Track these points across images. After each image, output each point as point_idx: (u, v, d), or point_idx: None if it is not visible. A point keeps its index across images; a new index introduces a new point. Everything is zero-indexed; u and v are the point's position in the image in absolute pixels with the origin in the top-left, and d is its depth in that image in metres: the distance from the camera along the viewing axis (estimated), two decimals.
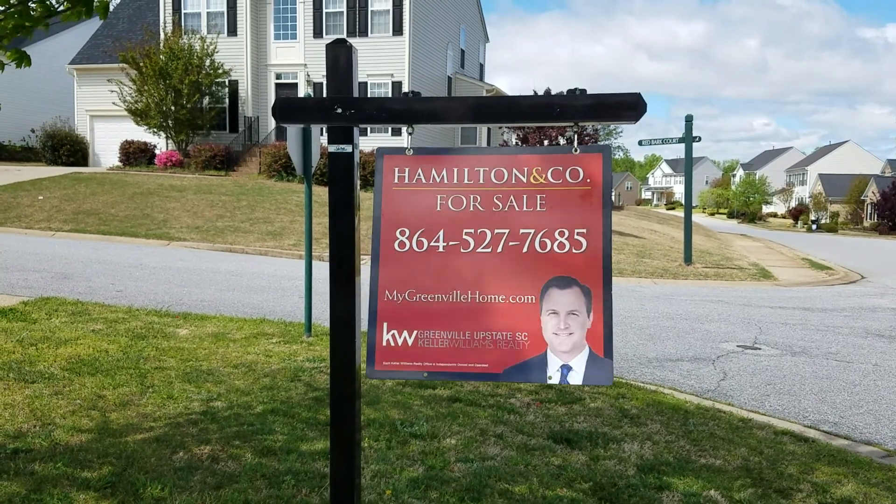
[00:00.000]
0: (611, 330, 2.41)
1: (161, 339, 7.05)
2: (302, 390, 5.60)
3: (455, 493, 3.85)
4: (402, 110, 2.54)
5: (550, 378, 2.42)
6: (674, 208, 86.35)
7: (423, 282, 2.50)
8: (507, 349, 2.45)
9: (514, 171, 2.50)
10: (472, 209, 2.51)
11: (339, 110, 2.53)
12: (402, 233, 2.52)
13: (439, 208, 2.52)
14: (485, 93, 31.40)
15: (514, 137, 30.59)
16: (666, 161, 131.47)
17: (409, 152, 2.56)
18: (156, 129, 28.12)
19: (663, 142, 19.60)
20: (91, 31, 33.63)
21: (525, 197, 2.49)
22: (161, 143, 29.60)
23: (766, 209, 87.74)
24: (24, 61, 3.89)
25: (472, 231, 2.50)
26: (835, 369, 7.70)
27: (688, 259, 17.86)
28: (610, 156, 2.48)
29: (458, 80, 33.10)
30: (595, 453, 4.56)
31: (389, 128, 24.90)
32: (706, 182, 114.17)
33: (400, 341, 2.50)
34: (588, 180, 2.46)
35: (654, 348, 8.39)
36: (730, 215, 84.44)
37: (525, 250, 2.47)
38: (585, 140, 28.88)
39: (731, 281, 15.82)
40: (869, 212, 66.63)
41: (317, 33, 28.85)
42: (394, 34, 28.15)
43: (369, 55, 26.82)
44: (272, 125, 29.63)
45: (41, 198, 20.97)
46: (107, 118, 30.68)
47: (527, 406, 5.51)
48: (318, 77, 28.82)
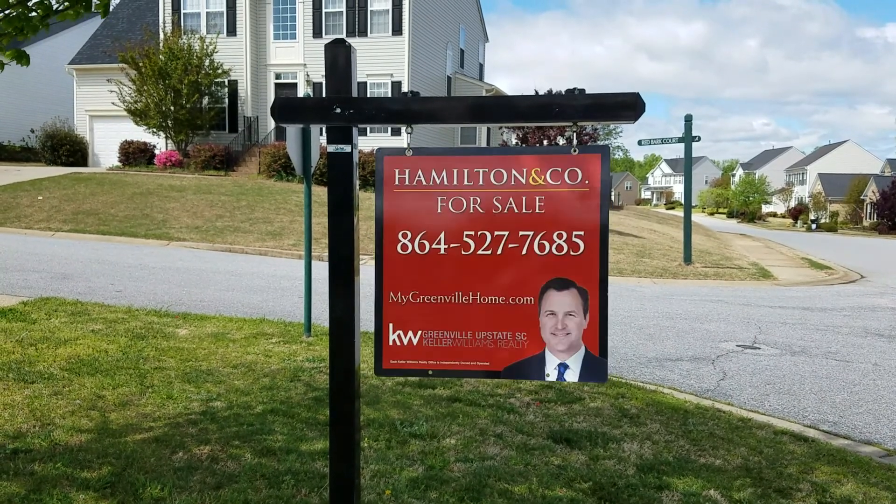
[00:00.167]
0: (606, 330, 2.51)
1: (161, 340, 7.05)
2: (301, 390, 5.60)
3: (454, 492, 3.85)
4: (401, 110, 2.54)
5: (548, 376, 2.52)
6: (673, 208, 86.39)
7: (426, 284, 2.57)
8: (507, 348, 2.55)
9: (514, 171, 2.52)
10: (472, 211, 2.54)
11: (338, 110, 2.53)
12: (405, 235, 2.56)
13: (440, 210, 2.55)
14: (484, 93, 31.41)
15: (513, 137, 30.60)
16: (665, 161, 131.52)
17: (408, 153, 2.56)
18: (155, 130, 28.11)
19: (663, 141, 19.61)
20: (90, 31, 33.62)
21: (524, 199, 2.51)
22: (160, 144, 29.60)
23: (765, 209, 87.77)
24: (23, 59, 3.89)
25: (473, 233, 2.54)
26: (834, 369, 7.71)
27: (687, 259, 17.86)
28: (608, 156, 2.50)
29: (458, 80, 33.10)
30: (595, 453, 4.56)
31: (389, 128, 24.90)
32: (706, 182, 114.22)
33: (405, 341, 2.59)
34: (586, 181, 2.48)
35: (653, 348, 8.39)
36: (729, 215, 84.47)
37: (524, 252, 2.52)
38: (584, 140, 28.90)
39: (731, 280, 15.82)
40: (868, 211, 66.64)
41: (316, 33, 28.85)
42: (393, 34, 28.15)
43: (369, 55, 26.81)
44: (272, 125, 29.62)
45: (41, 198, 20.97)
46: (106, 118, 30.68)
47: (526, 406, 5.51)
48: (317, 77, 28.81)
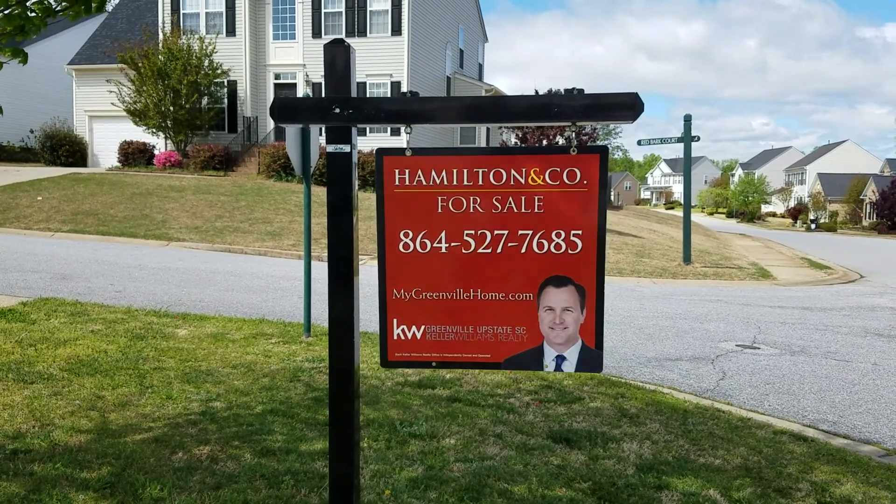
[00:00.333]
0: (602, 324, 2.58)
1: (160, 340, 7.05)
2: (301, 390, 5.60)
3: (454, 492, 3.85)
4: (400, 110, 2.54)
5: (546, 367, 2.61)
6: (673, 208, 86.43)
7: (428, 281, 2.62)
8: (507, 341, 2.63)
9: (513, 172, 2.54)
10: (472, 211, 2.57)
11: (338, 110, 2.54)
12: (406, 234, 2.60)
13: (440, 210, 2.58)
14: (484, 93, 31.41)
15: (513, 137, 30.61)
16: (665, 161, 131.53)
17: (408, 153, 2.57)
18: (154, 130, 28.10)
19: (662, 141, 19.60)
20: (90, 31, 33.60)
21: (523, 199, 2.54)
22: (160, 144, 29.59)
23: (765, 209, 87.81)
24: (21, 57, 3.89)
25: (473, 232, 2.58)
26: (834, 368, 7.71)
27: (687, 259, 17.86)
28: (607, 156, 2.53)
29: (457, 80, 33.10)
30: (594, 453, 4.56)
31: (388, 128, 24.91)
32: (705, 181, 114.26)
33: (409, 335, 2.66)
34: (585, 182, 2.51)
35: (653, 348, 8.39)
36: (729, 215, 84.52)
37: (523, 251, 2.57)
38: (584, 139, 28.91)
39: (731, 280, 15.83)
40: (868, 211, 66.68)
41: (315, 33, 28.84)
42: (392, 34, 28.15)
43: (368, 55, 26.81)
44: (271, 125, 29.62)
45: (40, 198, 20.96)
46: (106, 118, 30.67)
47: (526, 406, 5.51)
48: (316, 77, 28.81)
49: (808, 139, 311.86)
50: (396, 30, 28.11)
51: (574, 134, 2.67)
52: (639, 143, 20.20)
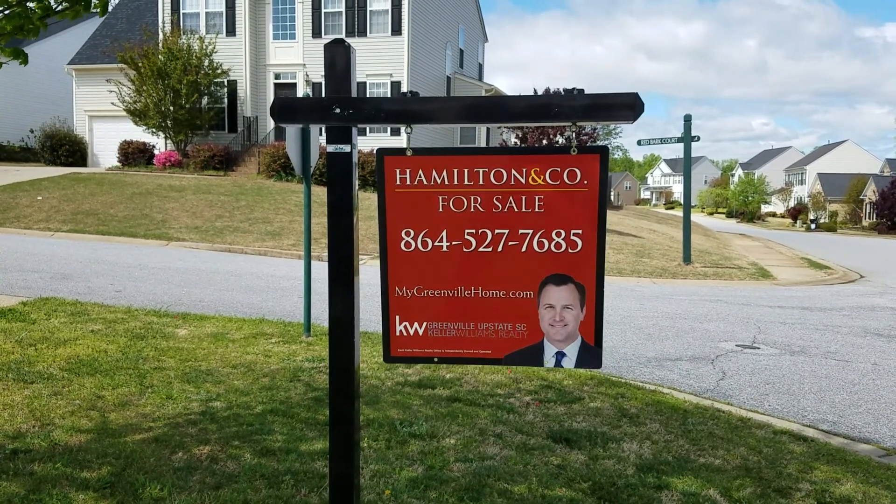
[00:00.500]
0: (602, 322, 2.61)
1: (160, 340, 7.05)
2: (301, 390, 5.60)
3: (454, 492, 3.85)
4: (400, 110, 2.54)
5: (546, 363, 2.65)
6: (673, 208, 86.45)
7: (430, 279, 2.65)
8: (508, 338, 2.66)
9: (514, 171, 2.55)
10: (472, 210, 2.58)
11: (338, 110, 2.54)
12: (407, 233, 2.62)
13: (441, 209, 2.59)
14: (484, 93, 31.41)
15: (513, 137, 30.62)
16: (665, 161, 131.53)
17: (408, 153, 2.57)
18: (154, 130, 28.10)
19: (662, 141, 19.60)
20: (90, 31, 33.60)
21: (524, 199, 2.55)
22: (160, 144, 29.59)
23: (764, 209, 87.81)
24: (21, 58, 3.89)
25: (474, 231, 2.60)
26: (834, 368, 7.71)
27: (687, 259, 17.86)
28: (607, 156, 2.53)
29: (457, 80, 33.10)
30: (594, 453, 4.56)
31: (388, 128, 24.90)
32: (705, 181, 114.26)
33: (411, 331, 2.69)
34: (585, 182, 2.52)
35: (653, 348, 8.39)
36: (729, 215, 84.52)
37: (524, 249, 2.59)
38: (584, 139, 28.93)
39: (730, 280, 15.83)
40: (868, 211, 66.68)
41: (315, 33, 28.84)
42: (392, 34, 28.15)
43: (368, 55, 26.81)
44: (271, 125, 29.62)
45: (40, 198, 20.96)
46: (105, 118, 30.67)
47: (526, 406, 5.51)
48: (316, 77, 28.81)
49: (808, 139, 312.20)
50: (396, 30, 28.12)
51: (574, 134, 2.67)
52: (639, 143, 20.20)
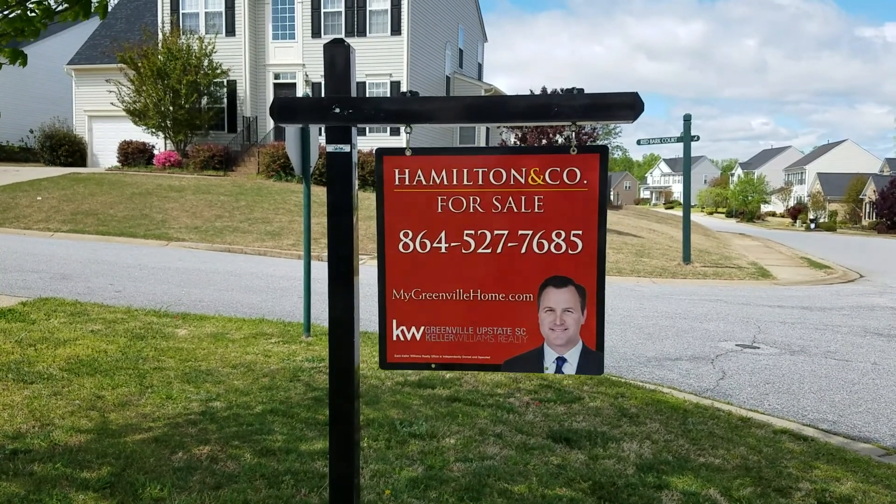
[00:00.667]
0: (603, 325, 2.56)
1: (160, 340, 7.05)
2: (301, 390, 5.60)
3: (454, 492, 3.85)
4: (400, 110, 2.54)
5: (547, 369, 2.58)
6: (672, 207, 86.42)
7: (428, 281, 2.61)
8: (507, 343, 2.60)
9: (513, 171, 2.53)
10: (472, 210, 2.56)
11: (337, 110, 2.53)
12: (406, 234, 2.59)
13: (440, 210, 2.57)
14: (483, 92, 31.40)
15: (512, 136, 30.60)
16: (664, 160, 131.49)
17: (408, 153, 2.57)
18: (154, 130, 28.10)
19: (662, 141, 19.60)
20: (89, 31, 33.60)
21: (523, 199, 2.53)
22: (159, 144, 29.58)
23: (764, 208, 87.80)
24: (21, 59, 3.89)
25: (473, 232, 2.57)
26: (833, 368, 7.71)
27: (686, 258, 17.86)
28: (607, 156, 2.51)
29: (457, 80, 33.10)
30: (594, 452, 4.56)
31: (388, 128, 24.91)
32: (705, 181, 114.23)
33: (408, 336, 2.64)
34: (585, 181, 2.50)
35: (653, 347, 8.39)
36: (728, 214, 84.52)
37: (523, 251, 2.55)
38: (583, 139, 28.91)
39: (730, 280, 15.83)
40: (867, 211, 66.68)
41: (315, 33, 28.84)
42: (392, 34, 28.15)
43: (367, 55, 26.80)
44: (271, 125, 29.62)
45: (39, 198, 20.96)
46: (105, 118, 30.67)
47: (526, 405, 5.51)
48: (316, 77, 28.81)
49: (808, 139, 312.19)
50: (396, 30, 28.11)
51: (574, 134, 2.66)
52: (638, 142, 20.20)
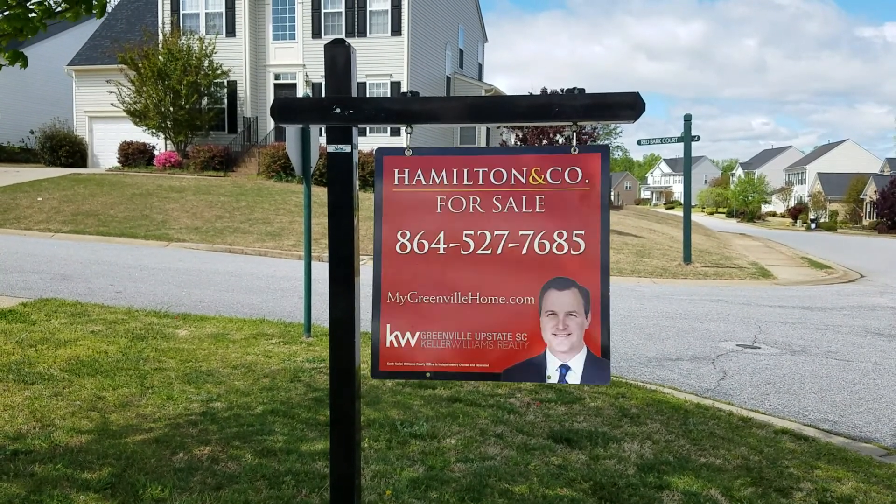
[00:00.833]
0: (608, 330, 2.44)
1: (160, 340, 7.05)
2: (302, 391, 5.59)
3: (455, 492, 3.85)
4: (401, 110, 2.54)
5: (549, 378, 2.46)
6: (673, 207, 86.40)
7: (425, 284, 2.53)
8: (508, 349, 2.49)
9: (514, 171, 2.51)
10: (471, 210, 2.52)
11: (338, 110, 2.53)
12: (403, 235, 2.54)
13: (439, 210, 2.53)
14: (483, 93, 31.39)
15: (513, 137, 30.60)
16: (665, 160, 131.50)
17: (408, 153, 2.56)
18: (154, 130, 28.10)
19: (662, 141, 19.59)
20: (89, 32, 33.60)
21: (524, 198, 2.50)
22: (160, 144, 29.59)
23: (765, 208, 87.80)
24: (21, 61, 3.89)
25: (472, 233, 2.51)
26: (834, 368, 7.71)
27: (687, 258, 17.86)
28: (608, 155, 2.49)
29: (457, 80, 33.10)
30: (595, 453, 4.56)
31: (388, 128, 24.91)
32: (705, 181, 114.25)
33: (403, 342, 2.54)
34: (586, 181, 2.47)
35: (653, 347, 8.39)
36: (729, 214, 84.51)
37: (524, 252, 2.49)
38: (584, 139, 28.89)
39: (731, 280, 15.82)
40: (868, 210, 66.66)
41: (315, 34, 28.84)
42: (392, 34, 28.15)
43: (368, 55, 26.80)
44: (271, 125, 29.62)
45: (40, 199, 20.96)
46: (105, 119, 30.67)
47: (527, 406, 5.51)
48: (316, 77, 28.81)
49: (808, 139, 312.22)
50: (396, 30, 28.11)
51: (574, 134, 2.64)
52: (639, 142, 20.20)
